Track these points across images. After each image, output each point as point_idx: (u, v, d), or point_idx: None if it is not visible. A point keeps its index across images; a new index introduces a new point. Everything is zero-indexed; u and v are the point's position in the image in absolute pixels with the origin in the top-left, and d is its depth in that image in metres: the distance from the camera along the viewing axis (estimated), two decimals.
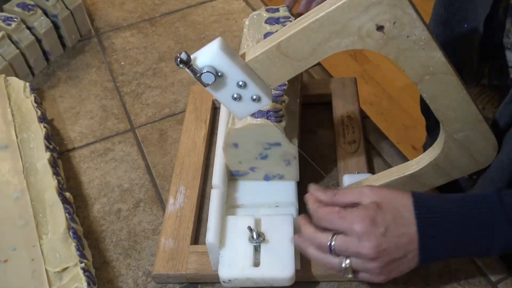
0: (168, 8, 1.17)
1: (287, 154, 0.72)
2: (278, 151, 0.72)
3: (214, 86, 0.58)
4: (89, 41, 1.11)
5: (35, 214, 0.72)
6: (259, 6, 1.14)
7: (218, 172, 0.73)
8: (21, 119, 0.85)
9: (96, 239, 0.76)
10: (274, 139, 0.70)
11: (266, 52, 0.57)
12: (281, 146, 0.71)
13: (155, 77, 1.01)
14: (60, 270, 0.67)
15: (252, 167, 0.74)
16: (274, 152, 0.72)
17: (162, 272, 0.69)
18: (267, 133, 0.69)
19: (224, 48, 0.56)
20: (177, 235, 0.73)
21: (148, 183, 0.83)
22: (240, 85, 0.58)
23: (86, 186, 0.84)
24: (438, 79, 0.57)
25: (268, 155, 0.72)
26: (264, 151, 0.72)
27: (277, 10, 0.82)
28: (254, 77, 0.58)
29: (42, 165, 0.78)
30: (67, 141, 0.91)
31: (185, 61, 0.55)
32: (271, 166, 0.74)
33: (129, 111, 0.95)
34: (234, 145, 0.72)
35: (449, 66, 0.56)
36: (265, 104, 0.60)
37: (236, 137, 0.71)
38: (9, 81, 0.91)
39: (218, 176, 0.72)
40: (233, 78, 0.57)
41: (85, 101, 0.98)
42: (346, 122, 0.84)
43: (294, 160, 0.73)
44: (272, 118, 0.68)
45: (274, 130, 0.69)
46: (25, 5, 1.01)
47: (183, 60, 0.55)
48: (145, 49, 1.08)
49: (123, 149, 0.89)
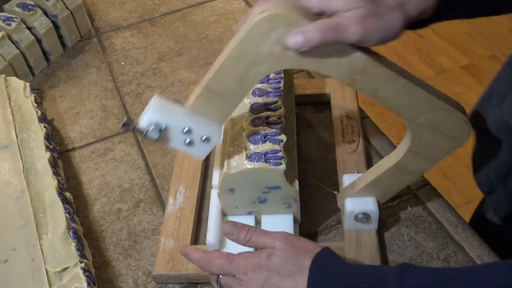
0: (168, 8, 1.17)
1: (287, 197, 0.69)
2: (278, 194, 0.68)
3: (163, 140, 0.62)
4: (89, 41, 1.11)
5: (35, 214, 0.72)
6: None
7: (218, 172, 0.72)
8: (21, 119, 0.85)
9: (96, 239, 0.76)
10: (273, 183, 0.67)
11: (200, 96, 0.60)
12: (281, 189, 0.67)
13: (155, 77, 1.01)
14: (60, 270, 0.67)
15: (250, 211, 0.71)
16: (274, 196, 0.68)
17: (162, 272, 0.69)
18: (265, 177, 0.66)
19: (160, 105, 0.61)
20: (177, 235, 0.73)
21: (148, 183, 0.83)
22: (186, 132, 0.61)
23: (86, 186, 0.84)
24: (370, 75, 0.57)
25: (267, 198, 0.69)
26: (263, 195, 0.68)
27: None
28: (197, 121, 0.61)
29: (42, 165, 0.78)
30: (67, 141, 0.91)
31: (127, 125, 0.60)
32: (270, 209, 0.71)
33: (129, 111, 0.95)
34: (230, 190, 0.68)
35: (375, 60, 0.56)
36: (215, 142, 0.62)
37: (232, 183, 0.67)
38: (9, 81, 0.91)
39: (218, 176, 0.72)
40: (177, 128, 0.61)
41: (85, 101, 0.98)
42: (345, 122, 0.84)
43: (295, 203, 0.70)
44: (271, 161, 0.65)
45: (272, 173, 0.65)
46: (25, 5, 1.01)
47: (125, 124, 0.59)
48: (145, 49, 1.08)
49: (123, 149, 0.89)
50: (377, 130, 0.86)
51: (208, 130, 0.62)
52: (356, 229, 0.71)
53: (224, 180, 0.67)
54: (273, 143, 0.66)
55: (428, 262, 0.69)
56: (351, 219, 0.69)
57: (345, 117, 0.85)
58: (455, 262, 0.69)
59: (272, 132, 0.67)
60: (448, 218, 0.74)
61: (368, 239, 0.70)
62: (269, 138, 0.66)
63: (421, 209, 0.75)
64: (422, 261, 0.69)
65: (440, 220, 0.74)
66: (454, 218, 0.74)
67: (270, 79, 0.74)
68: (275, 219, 0.70)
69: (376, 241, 0.70)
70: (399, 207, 0.75)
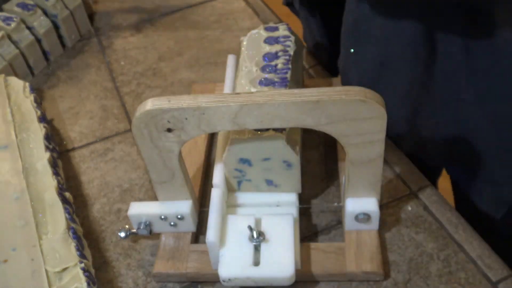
0: (168, 8, 1.17)
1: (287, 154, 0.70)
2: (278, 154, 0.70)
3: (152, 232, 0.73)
4: (89, 41, 1.11)
5: (35, 214, 0.72)
6: (259, 6, 1.14)
7: (219, 171, 0.72)
8: (20, 119, 0.85)
9: (96, 239, 0.76)
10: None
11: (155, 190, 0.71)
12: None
13: (155, 77, 1.01)
14: (60, 270, 0.66)
15: None
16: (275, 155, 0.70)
17: (162, 271, 0.69)
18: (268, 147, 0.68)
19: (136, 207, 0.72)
20: (177, 234, 0.73)
21: (148, 183, 0.83)
22: (163, 218, 0.71)
23: (86, 186, 0.84)
24: None
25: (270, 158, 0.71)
26: None
27: (276, 28, 0.80)
28: (167, 207, 0.72)
29: (42, 165, 0.78)
30: (67, 141, 0.91)
31: (126, 234, 0.72)
32: (273, 167, 0.71)
33: (129, 111, 0.95)
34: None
35: None
36: (188, 216, 0.71)
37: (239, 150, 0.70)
38: (8, 81, 0.91)
39: (218, 175, 0.72)
40: (156, 217, 0.71)
41: (85, 101, 0.98)
42: None
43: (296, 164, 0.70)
44: None
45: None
46: (25, 5, 1.01)
47: (122, 237, 0.72)
48: (145, 49, 1.08)
49: (123, 149, 0.89)
50: None
51: (179, 209, 0.70)
52: (357, 229, 0.71)
53: None
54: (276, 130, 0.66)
55: (428, 262, 0.69)
56: (351, 219, 0.69)
57: None
58: (455, 262, 0.69)
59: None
60: (449, 218, 0.74)
61: (369, 239, 0.70)
62: None
63: (421, 209, 0.75)
64: (423, 261, 0.69)
65: (440, 220, 0.73)
66: (454, 218, 0.74)
67: (278, 69, 0.73)
68: (275, 219, 0.70)
69: (377, 241, 0.70)
70: (399, 207, 0.75)
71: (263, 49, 0.77)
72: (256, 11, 1.13)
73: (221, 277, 0.66)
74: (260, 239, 0.67)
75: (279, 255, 0.66)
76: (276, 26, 0.81)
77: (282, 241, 0.67)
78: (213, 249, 0.66)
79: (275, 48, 0.76)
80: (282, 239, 0.67)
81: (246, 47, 0.79)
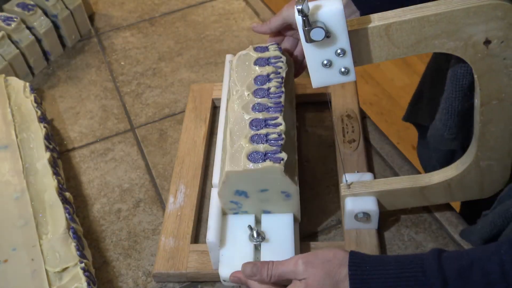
0: (168, 8, 1.17)
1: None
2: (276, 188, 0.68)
3: (314, 46, 0.57)
4: (89, 41, 1.11)
5: (35, 214, 0.72)
6: (259, 6, 1.14)
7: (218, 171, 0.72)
8: (21, 119, 0.85)
9: (96, 239, 0.76)
10: None
11: (372, 28, 0.55)
12: None
13: (155, 77, 1.01)
14: (60, 270, 0.67)
15: None
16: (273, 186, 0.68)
17: (162, 271, 0.69)
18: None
19: (343, 8, 0.55)
20: (177, 234, 0.73)
21: (148, 183, 0.83)
22: (338, 53, 0.57)
23: (86, 186, 0.84)
24: (502, 107, 0.57)
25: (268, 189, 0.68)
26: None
27: (266, 49, 0.76)
28: (352, 48, 0.57)
29: (42, 165, 0.78)
30: (67, 141, 0.91)
31: (304, 12, 0.53)
32: (271, 200, 0.70)
33: (129, 111, 0.95)
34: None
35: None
36: (351, 79, 0.58)
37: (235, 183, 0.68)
38: (9, 81, 0.91)
39: (218, 175, 0.72)
40: (337, 44, 0.56)
41: (85, 101, 0.98)
42: (346, 121, 0.84)
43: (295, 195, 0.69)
44: None
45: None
46: (25, 5, 1.01)
47: (303, 10, 0.53)
48: (145, 49, 1.08)
49: (123, 149, 0.89)
50: (377, 130, 0.86)
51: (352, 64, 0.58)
52: (356, 229, 0.71)
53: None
54: (273, 161, 0.64)
55: None
56: (351, 218, 0.69)
57: (345, 116, 0.85)
58: None
59: (272, 150, 0.65)
60: (448, 218, 0.74)
61: (368, 238, 0.70)
62: (269, 156, 0.64)
63: (421, 209, 0.75)
64: None
65: (440, 220, 0.73)
66: (454, 218, 0.74)
67: (271, 93, 0.70)
68: (275, 219, 0.70)
69: (376, 240, 0.70)
70: None
71: (254, 72, 0.73)
72: (256, 11, 1.13)
73: (221, 276, 0.66)
74: (260, 239, 0.67)
75: (279, 254, 0.66)
76: (266, 46, 0.77)
77: (282, 240, 0.67)
78: (213, 249, 0.66)
79: (266, 70, 0.73)
80: (282, 239, 0.67)
81: (236, 68, 0.75)
